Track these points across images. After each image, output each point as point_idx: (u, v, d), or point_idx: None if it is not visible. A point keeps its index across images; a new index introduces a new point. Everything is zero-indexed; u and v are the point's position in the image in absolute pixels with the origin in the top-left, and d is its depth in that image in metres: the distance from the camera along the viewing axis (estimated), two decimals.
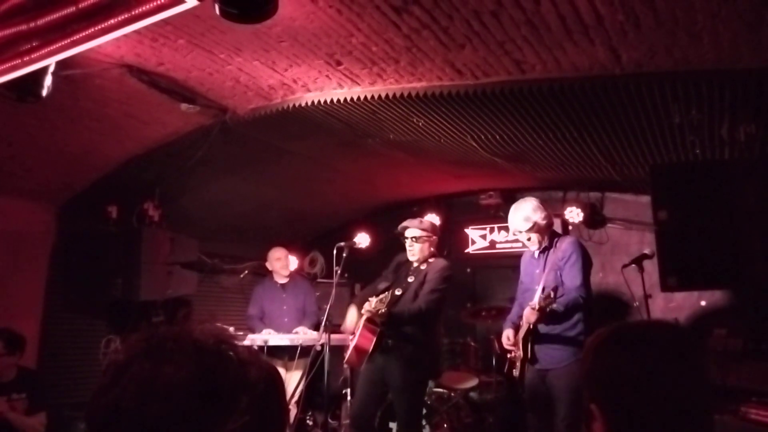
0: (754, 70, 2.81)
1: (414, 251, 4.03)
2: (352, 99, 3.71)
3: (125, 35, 2.98)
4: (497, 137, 4.32)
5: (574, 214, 5.82)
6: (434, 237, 4.13)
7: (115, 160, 4.63)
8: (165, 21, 2.88)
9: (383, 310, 3.70)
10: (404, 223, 4.14)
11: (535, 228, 3.87)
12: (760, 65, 2.77)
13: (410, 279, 4.02)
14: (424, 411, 4.83)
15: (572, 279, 3.72)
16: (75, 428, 4.73)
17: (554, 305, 3.53)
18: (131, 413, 0.84)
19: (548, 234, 3.95)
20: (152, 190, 5.00)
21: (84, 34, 2.42)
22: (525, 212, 3.86)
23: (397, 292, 3.97)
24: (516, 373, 3.98)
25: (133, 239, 4.83)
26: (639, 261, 4.29)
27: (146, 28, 2.94)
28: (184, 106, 3.83)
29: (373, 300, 3.78)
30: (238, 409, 0.89)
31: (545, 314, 3.60)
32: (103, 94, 3.72)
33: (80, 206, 4.92)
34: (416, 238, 4.03)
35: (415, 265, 4.10)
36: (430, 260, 4.08)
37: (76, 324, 5.05)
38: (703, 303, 5.37)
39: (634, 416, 1.07)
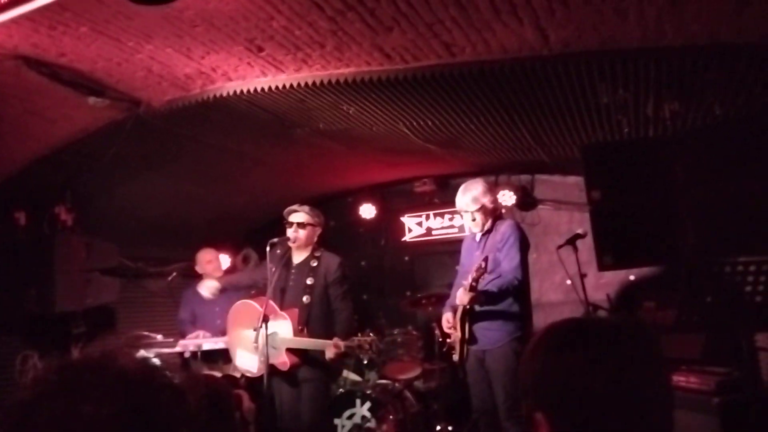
0: (677, 47, 2.85)
1: (299, 237, 3.96)
2: (277, 87, 3.53)
3: (16, 23, 2.72)
4: (429, 123, 4.26)
5: (506, 197, 5.88)
6: (318, 227, 4.08)
7: (19, 163, 4.24)
8: (63, 7, 2.64)
9: (372, 357, 3.65)
10: (291, 207, 4.05)
11: (482, 210, 3.94)
12: (683, 42, 2.81)
13: (309, 281, 3.94)
14: (369, 404, 4.78)
15: (509, 260, 3.79)
16: None
17: (487, 276, 3.56)
18: None
19: (492, 217, 4.01)
20: (63, 193, 4.64)
21: None
22: (474, 193, 3.94)
23: (305, 300, 3.90)
24: (455, 357, 4.00)
25: (45, 246, 4.49)
26: (573, 241, 4.35)
27: (42, 15, 2.68)
28: (91, 99, 3.53)
29: (342, 344, 3.66)
30: None
31: (478, 293, 3.63)
32: None
33: None
34: (302, 225, 3.97)
35: (301, 259, 4.02)
36: (317, 254, 4.03)
37: None
38: (631, 278, 5.55)
39: (594, 426, 0.91)
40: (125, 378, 0.74)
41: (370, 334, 3.65)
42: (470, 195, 3.94)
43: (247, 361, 4.04)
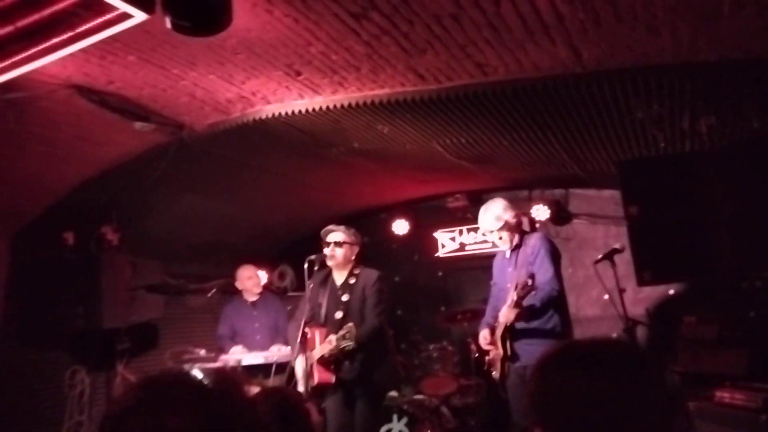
0: (712, 62, 2.84)
1: (336, 256, 3.98)
2: (313, 109, 3.63)
3: (71, 54, 2.86)
4: (462, 141, 4.30)
5: (540, 212, 5.86)
6: (356, 246, 4.09)
7: (69, 185, 4.42)
8: (113, 38, 2.75)
9: (351, 345, 3.63)
10: (328, 227, 4.07)
11: (506, 227, 3.93)
12: (718, 57, 2.80)
13: (345, 298, 3.96)
14: (406, 420, 4.79)
15: (544, 273, 3.75)
16: None
17: (533, 294, 3.53)
18: None
19: (518, 232, 3.99)
20: (109, 214, 4.81)
21: (24, 55, 2.29)
22: (496, 212, 3.92)
23: (338, 316, 3.92)
24: (495, 374, 3.98)
25: (93, 266, 4.65)
26: (610, 256, 4.31)
27: (93, 45, 2.81)
28: (138, 124, 3.68)
29: (333, 338, 3.69)
30: None
31: (523, 309, 3.60)
32: (51, 117, 3.54)
33: (34, 234, 4.68)
34: (339, 243, 3.99)
35: (342, 279, 4.05)
36: (356, 271, 4.04)
37: (37, 357, 4.80)
38: (671, 292, 5.45)
39: None
40: (206, 392, 0.81)
41: (350, 324, 3.67)
42: (492, 214, 3.93)
43: (301, 385, 4.12)
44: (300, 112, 3.66)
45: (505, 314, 3.68)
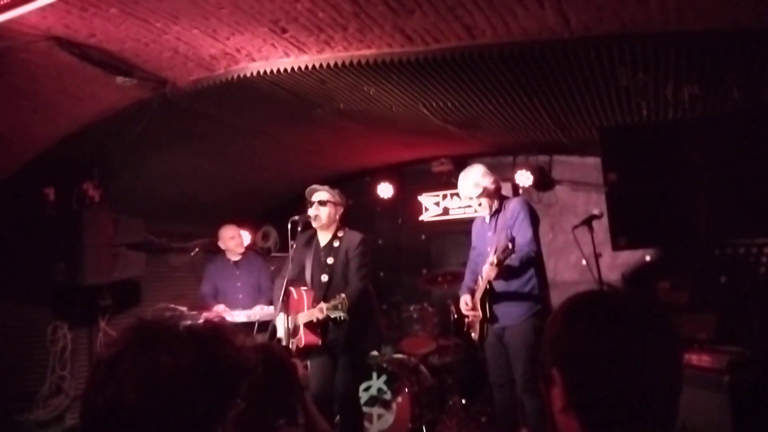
0: (697, 32, 2.86)
1: (320, 215, 4.01)
2: (299, 68, 3.58)
3: (51, 5, 2.80)
4: (448, 104, 4.30)
5: (524, 178, 5.91)
6: (340, 206, 4.13)
7: (49, 140, 4.36)
8: None
9: (343, 316, 3.66)
10: (313, 187, 4.10)
11: (485, 193, 3.97)
12: (704, 27, 2.82)
13: (330, 260, 4.00)
14: (385, 377, 4.92)
15: (522, 235, 3.82)
16: (19, 420, 4.58)
17: (512, 256, 3.61)
18: (133, 407, 0.80)
19: (497, 198, 4.04)
20: (91, 170, 4.76)
21: (2, 2, 2.22)
22: (474, 178, 3.95)
23: (323, 279, 3.98)
24: (474, 335, 4.09)
25: (74, 222, 4.64)
26: (588, 222, 4.39)
27: None
28: (119, 79, 3.61)
29: (324, 307, 3.71)
30: (237, 395, 0.87)
31: (503, 268, 3.68)
32: (30, 70, 3.47)
33: (14, 190, 4.63)
34: (323, 202, 4.02)
35: (326, 240, 4.09)
36: (340, 233, 4.08)
37: (19, 313, 4.82)
38: (647, 258, 5.58)
39: (598, 388, 1.02)
40: (196, 335, 0.86)
41: (342, 295, 3.70)
42: (470, 181, 3.95)
43: (283, 342, 4.17)
44: (285, 70, 3.61)
45: (487, 271, 3.76)
